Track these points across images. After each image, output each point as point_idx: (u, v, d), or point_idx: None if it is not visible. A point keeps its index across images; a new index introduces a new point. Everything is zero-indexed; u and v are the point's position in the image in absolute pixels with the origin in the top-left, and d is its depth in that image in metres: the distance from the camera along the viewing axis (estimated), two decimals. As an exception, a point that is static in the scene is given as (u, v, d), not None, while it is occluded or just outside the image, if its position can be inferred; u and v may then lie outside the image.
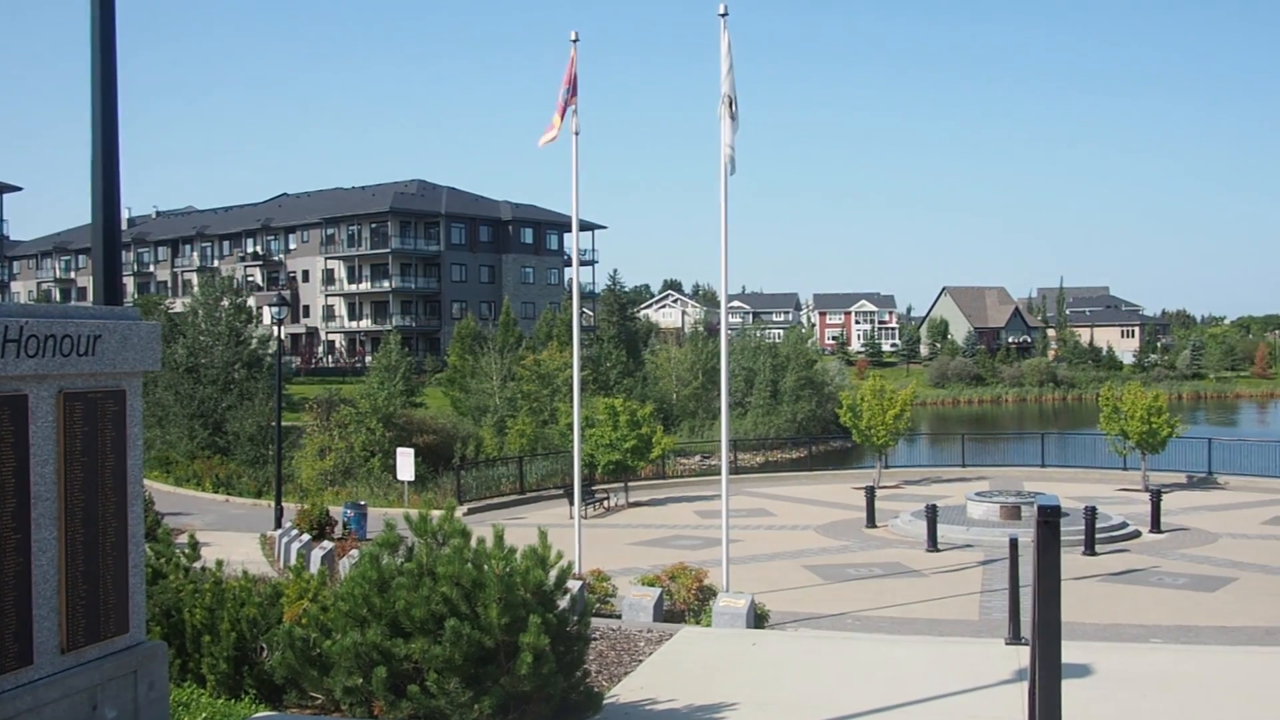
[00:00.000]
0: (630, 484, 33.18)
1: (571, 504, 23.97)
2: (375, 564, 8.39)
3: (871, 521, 26.89)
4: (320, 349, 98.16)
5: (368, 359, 78.80)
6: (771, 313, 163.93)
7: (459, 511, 27.21)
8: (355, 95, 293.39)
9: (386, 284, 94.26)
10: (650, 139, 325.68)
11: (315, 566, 18.07)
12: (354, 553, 17.74)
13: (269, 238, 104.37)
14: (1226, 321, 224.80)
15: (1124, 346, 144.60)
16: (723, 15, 16.05)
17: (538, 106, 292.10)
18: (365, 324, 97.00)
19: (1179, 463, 36.23)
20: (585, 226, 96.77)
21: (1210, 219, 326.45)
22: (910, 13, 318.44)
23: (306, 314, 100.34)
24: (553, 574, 8.61)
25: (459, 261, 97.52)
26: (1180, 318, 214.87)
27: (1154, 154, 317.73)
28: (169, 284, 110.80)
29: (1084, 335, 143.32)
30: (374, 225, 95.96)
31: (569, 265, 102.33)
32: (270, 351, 51.33)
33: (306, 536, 23.00)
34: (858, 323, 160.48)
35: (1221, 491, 33.07)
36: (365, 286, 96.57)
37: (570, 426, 23.61)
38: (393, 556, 8.57)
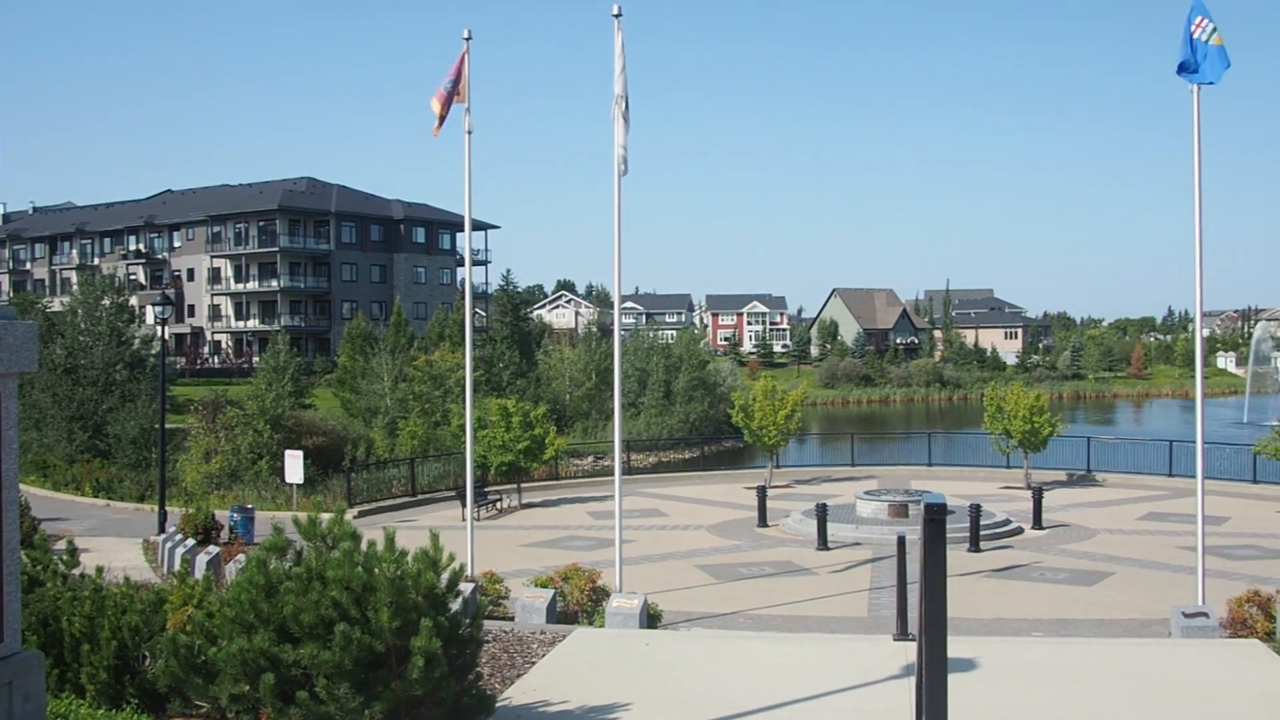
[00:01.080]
0: (523, 485, 33.05)
1: (464, 506, 23.84)
2: (263, 568, 8.25)
3: (763, 521, 27.15)
4: (206, 349, 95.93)
5: (255, 360, 77.24)
6: (665, 313, 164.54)
7: (349, 514, 26.80)
8: (243, 91, 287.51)
9: (275, 283, 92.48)
10: (544, 139, 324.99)
11: (200, 572, 17.67)
12: (241, 557, 17.41)
13: (152, 235, 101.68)
14: (1105, 324, 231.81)
15: (1007, 347, 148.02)
16: (616, 16, 16.07)
17: (428, 105, 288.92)
18: (253, 324, 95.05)
19: (1060, 461, 37.25)
20: (478, 226, 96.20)
21: (1090, 225, 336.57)
22: (801, 18, 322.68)
23: (191, 313, 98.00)
24: (445, 577, 8.55)
25: (349, 261, 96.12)
26: (1061, 320, 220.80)
27: (1036, 161, 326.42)
28: (46, 282, 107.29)
29: (969, 336, 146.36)
30: (262, 223, 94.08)
31: (462, 265, 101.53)
32: (153, 352, 50.03)
33: (191, 541, 22.46)
34: (750, 324, 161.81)
35: (1100, 488, 34.08)
36: (253, 286, 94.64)
37: (463, 428, 23.46)
38: (281, 561, 8.43)
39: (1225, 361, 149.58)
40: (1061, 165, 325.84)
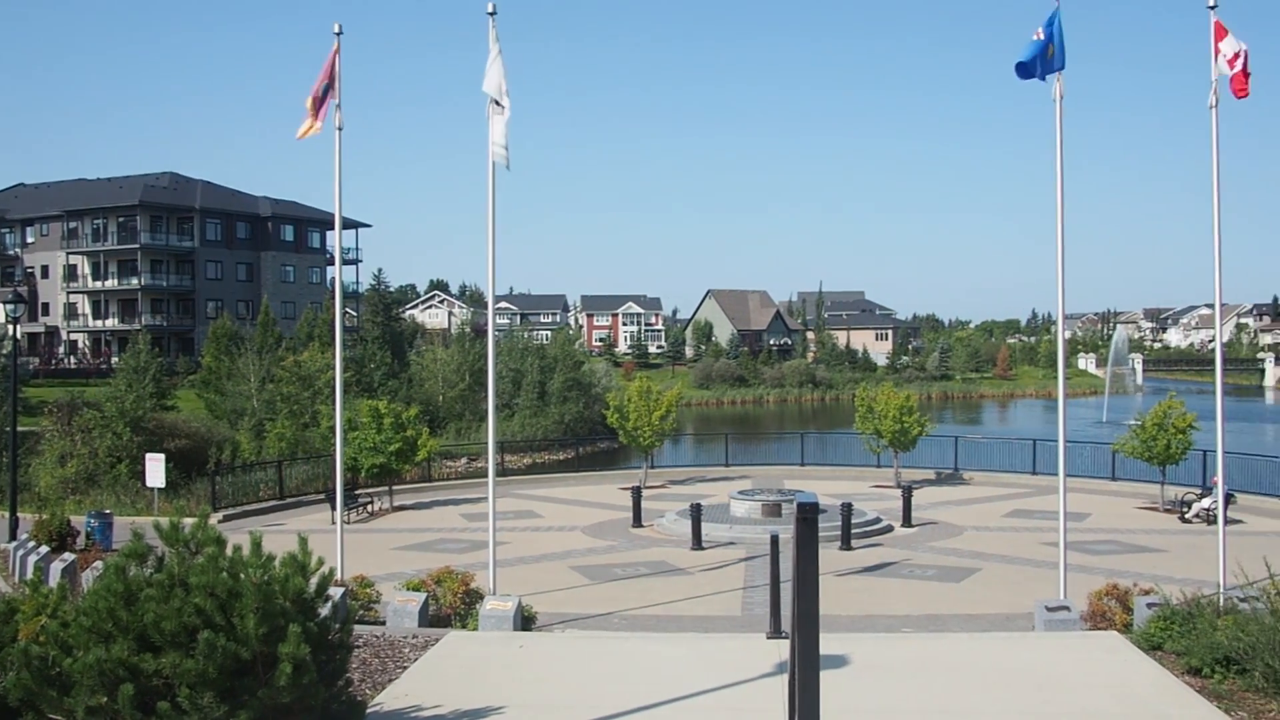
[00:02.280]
0: (395, 488, 32.55)
1: (334, 509, 23.38)
2: (121, 575, 7.93)
3: (638, 521, 27.17)
4: (61, 349, 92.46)
5: (115, 360, 74.67)
6: (539, 314, 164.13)
7: (214, 519, 26.05)
8: (102, 81, 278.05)
9: (135, 281, 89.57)
10: (417, 137, 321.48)
11: (55, 580, 16.95)
12: (98, 565, 16.75)
13: (3, 230, 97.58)
14: (972, 326, 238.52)
15: (878, 349, 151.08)
16: (491, 14, 15.92)
17: (298, 100, 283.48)
18: (112, 323, 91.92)
19: (929, 460, 38.10)
20: (349, 224, 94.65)
21: (958, 229, 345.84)
22: (681, 18, 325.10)
23: (46, 312, 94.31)
24: (313, 581, 8.33)
25: (215, 259, 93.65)
26: (930, 322, 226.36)
27: (906, 166, 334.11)
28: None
29: (841, 338, 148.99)
30: (122, 219, 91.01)
31: (332, 264, 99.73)
32: (4, 352, 48.06)
33: (45, 548, 21.57)
34: (625, 324, 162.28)
35: (967, 487, 34.92)
36: (112, 284, 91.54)
37: (332, 429, 22.98)
38: (141, 568, 8.11)
39: (1086, 363, 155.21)
40: (930, 171, 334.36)
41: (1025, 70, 15.23)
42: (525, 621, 15.11)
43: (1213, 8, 15.07)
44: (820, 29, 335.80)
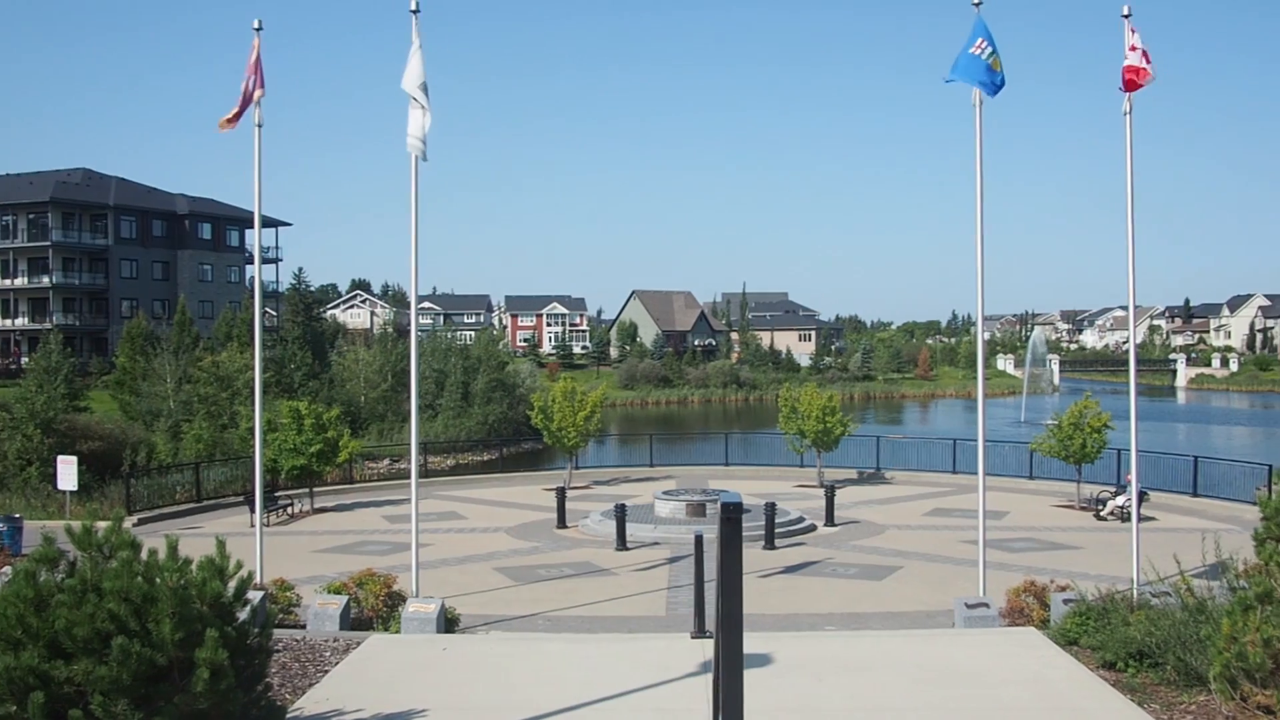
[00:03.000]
0: (316, 489, 32.14)
1: (253, 511, 23.01)
2: (31, 581, 7.71)
3: (562, 522, 27.11)
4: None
5: (24, 360, 72.87)
6: (463, 314, 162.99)
7: (128, 522, 25.47)
8: (11, 76, 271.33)
9: (46, 279, 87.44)
10: (339, 135, 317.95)
11: (-38, 586, 16.49)
12: (7, 570, 16.33)
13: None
14: (894, 327, 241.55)
15: (801, 349, 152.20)
16: (414, 11, 15.80)
17: (214, 96, 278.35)
18: (21, 322, 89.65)
19: (851, 459, 38.49)
20: (268, 223, 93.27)
21: (880, 231, 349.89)
22: (606, 19, 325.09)
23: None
24: (232, 585, 8.18)
25: (129, 257, 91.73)
26: (852, 323, 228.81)
27: (829, 168, 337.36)
28: None
29: (765, 339, 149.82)
30: (32, 216, 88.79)
31: (251, 263, 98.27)
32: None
33: (-48, 554, 21.00)
34: (549, 325, 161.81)
35: (889, 486, 35.33)
36: (21, 282, 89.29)
37: (252, 430, 22.64)
38: (52, 572, 7.90)
39: (1005, 364, 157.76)
40: (853, 173, 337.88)
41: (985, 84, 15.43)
42: (448, 624, 15.00)
43: (1127, 16, 15.38)
44: (746, 32, 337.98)
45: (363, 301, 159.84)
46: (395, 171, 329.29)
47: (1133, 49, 15.23)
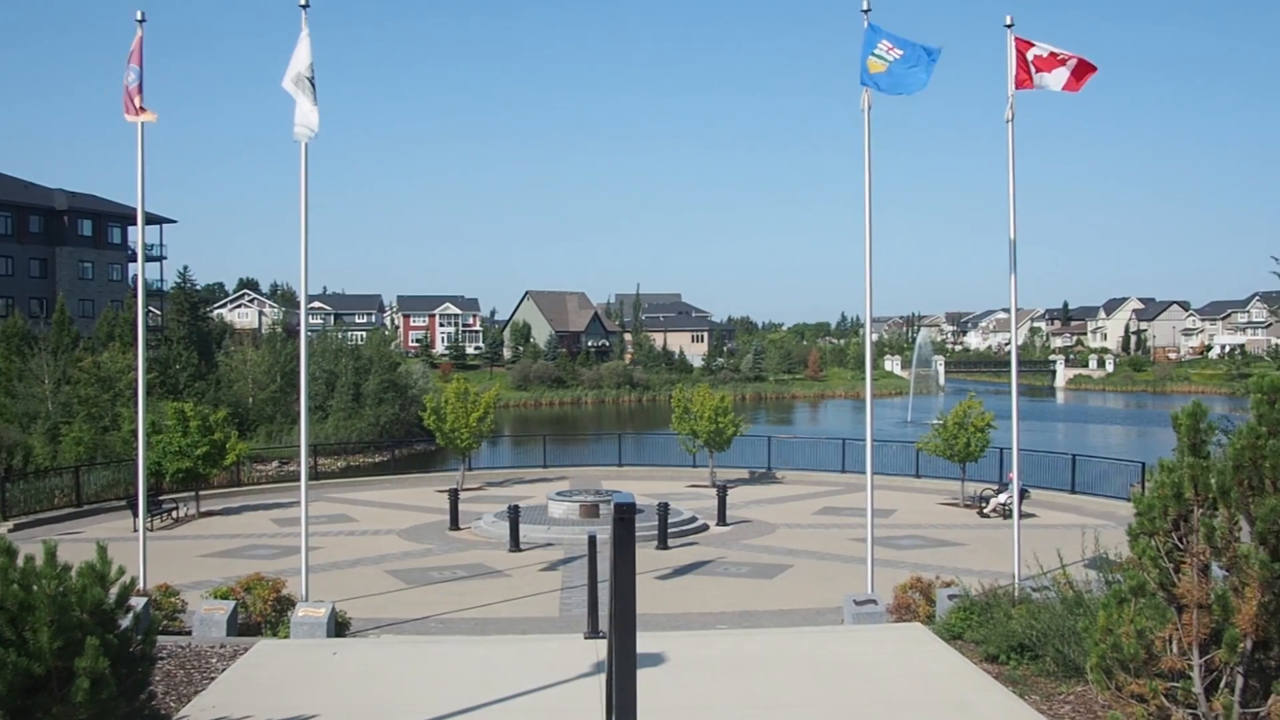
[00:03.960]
0: (202, 493, 31.44)
1: (136, 516, 22.46)
2: (-101, 590, 7.43)
3: (455, 524, 26.95)
4: None
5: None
6: (354, 314, 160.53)
7: (3, 528, 24.81)
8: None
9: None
10: (224, 131, 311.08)
11: None
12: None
13: None
14: (785, 328, 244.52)
15: (694, 350, 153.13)
16: (304, 6, 15.57)
17: (95, 89, 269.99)
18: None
19: (743, 459, 38.85)
20: (152, 220, 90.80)
21: (771, 234, 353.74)
22: (495, 18, 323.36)
23: None
24: (113, 592, 7.97)
25: (4, 254, 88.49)
26: (744, 324, 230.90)
27: (720, 169, 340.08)
28: None
29: (658, 339, 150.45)
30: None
31: (134, 260, 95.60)
32: None
33: None
34: (442, 325, 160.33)
35: (780, 485, 35.74)
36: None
37: (134, 433, 22.08)
38: (-79, 580, 7.62)
39: (892, 365, 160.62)
40: (745, 175, 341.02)
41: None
42: (339, 627, 14.80)
43: (1009, 27, 15.78)
44: (640, 32, 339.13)
45: (251, 301, 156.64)
46: (283, 169, 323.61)
47: (1022, 56, 15.60)
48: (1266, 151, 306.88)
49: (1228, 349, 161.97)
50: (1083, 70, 15.57)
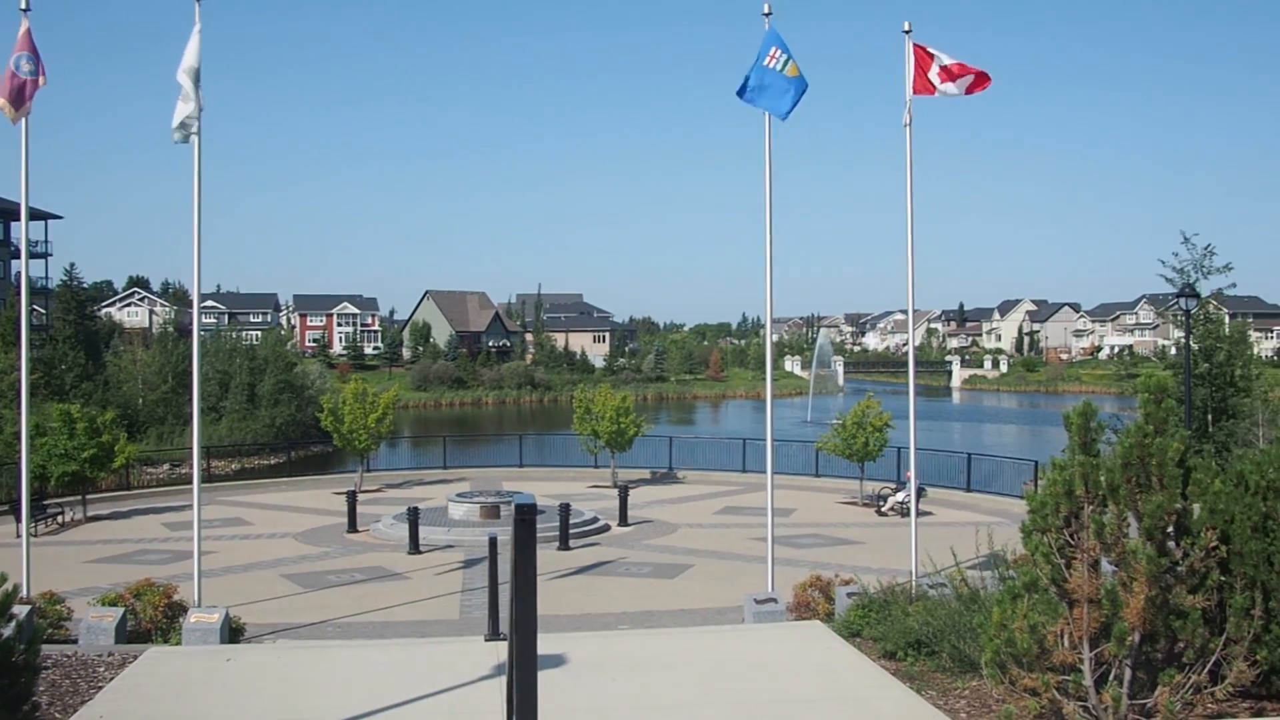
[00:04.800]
0: (90, 497, 30.54)
1: (19, 521, 21.77)
2: None
3: (353, 526, 26.60)
4: None
5: None
6: (249, 314, 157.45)
7: (-122, 534, 23.76)
8: None
9: None
10: (113, 125, 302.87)
11: None
12: None
13: None
14: (686, 329, 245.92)
15: (596, 351, 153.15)
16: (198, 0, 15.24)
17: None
18: None
19: (644, 460, 38.92)
20: (36, 215, 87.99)
21: (672, 234, 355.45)
22: (394, 13, 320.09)
23: None
24: (-6, 599, 7.69)
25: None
26: (646, 324, 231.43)
27: (621, 170, 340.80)
28: None
29: (560, 340, 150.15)
30: None
31: (16, 257, 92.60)
32: None
33: None
34: (340, 325, 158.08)
35: (681, 485, 35.88)
36: None
37: (17, 435, 21.38)
38: None
39: (792, 365, 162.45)
40: (646, 176, 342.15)
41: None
42: (233, 633, 14.48)
43: (908, 32, 16.02)
44: (542, 25, 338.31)
45: (141, 299, 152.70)
46: (175, 165, 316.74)
47: (920, 62, 15.85)
48: (1155, 158, 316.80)
49: (1117, 350, 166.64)
50: (980, 82, 15.88)
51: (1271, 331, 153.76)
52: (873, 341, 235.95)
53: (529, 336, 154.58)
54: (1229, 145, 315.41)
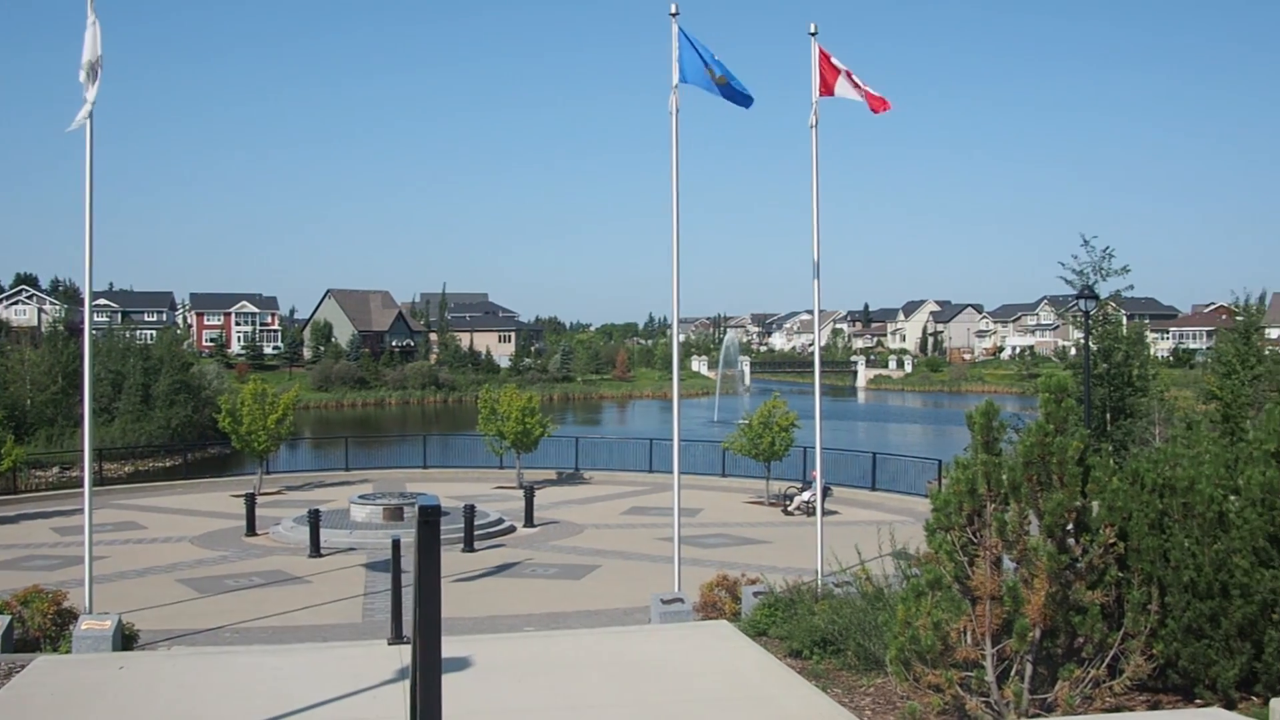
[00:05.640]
0: (-25, 501, 29.60)
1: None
2: None
3: (252, 530, 26.11)
4: None
5: None
6: (144, 312, 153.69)
7: None
8: None
9: None
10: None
11: None
12: None
13: None
14: (593, 329, 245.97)
15: (501, 351, 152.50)
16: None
17: None
18: None
19: (551, 460, 38.79)
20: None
21: (578, 234, 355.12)
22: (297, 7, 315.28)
23: None
24: None
25: None
26: (552, 324, 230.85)
27: (526, 168, 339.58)
28: None
29: (464, 340, 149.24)
30: None
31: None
32: None
33: None
34: (238, 324, 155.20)
35: (587, 486, 35.81)
36: None
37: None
38: None
39: (699, 365, 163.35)
40: (551, 174, 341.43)
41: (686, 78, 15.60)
42: (126, 641, 14.07)
43: (814, 34, 16.12)
44: (443, 27, 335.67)
45: (29, 297, 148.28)
46: (65, 157, 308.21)
47: (825, 64, 15.95)
48: (1056, 162, 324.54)
49: (1019, 350, 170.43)
50: (877, 102, 16.03)
51: (1167, 332, 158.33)
52: (779, 342, 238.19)
53: (433, 336, 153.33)
54: (1125, 149, 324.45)
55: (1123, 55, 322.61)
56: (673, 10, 15.84)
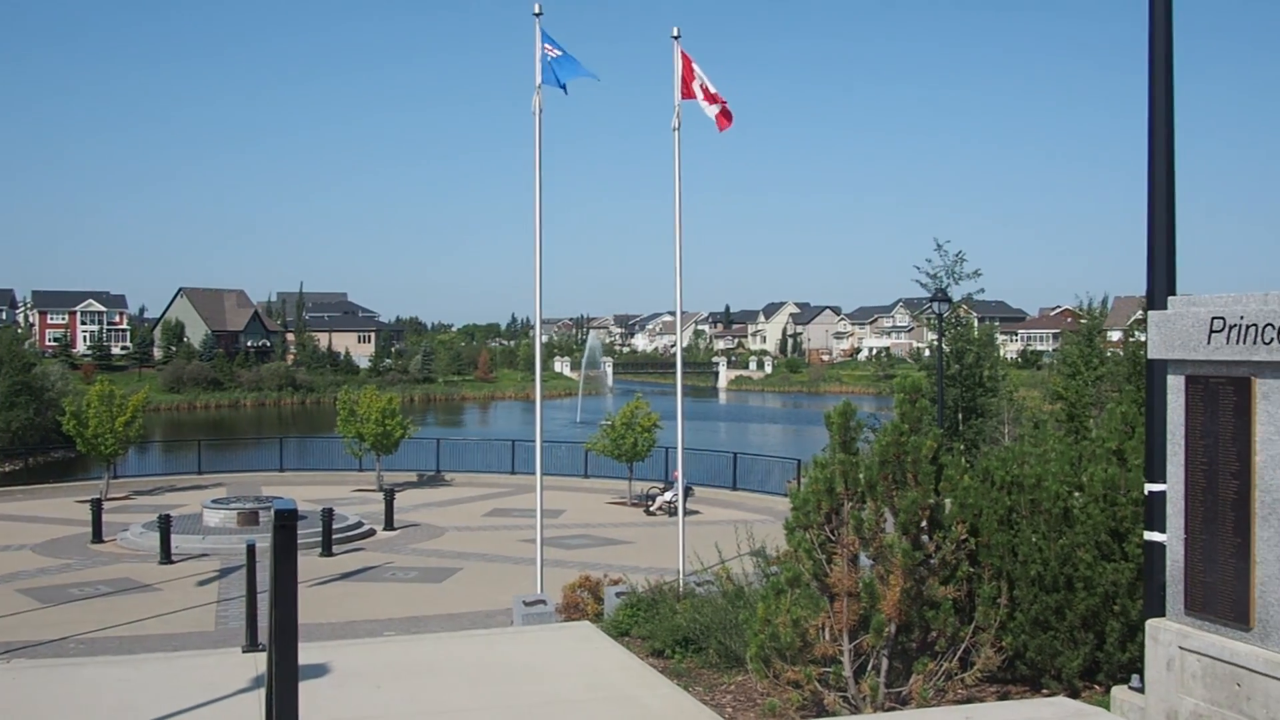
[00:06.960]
0: None
1: None
2: None
3: (98, 536, 25.27)
4: None
5: None
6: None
7: None
8: None
9: None
10: None
11: None
12: None
13: None
14: (455, 329, 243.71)
15: (361, 351, 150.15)
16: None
17: None
18: None
19: (411, 462, 38.35)
20: None
21: (440, 233, 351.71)
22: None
23: None
24: None
25: None
26: (413, 325, 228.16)
27: (385, 166, 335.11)
28: None
29: (323, 340, 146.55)
30: None
31: None
32: None
33: None
34: (84, 323, 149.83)
35: (449, 488, 35.50)
36: None
37: None
38: None
39: (562, 366, 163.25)
40: (411, 173, 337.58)
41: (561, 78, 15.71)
42: (-39, 654, 13.45)
43: (677, 38, 16.24)
44: (310, 22, 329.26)
45: None
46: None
47: (688, 68, 16.11)
48: (910, 168, 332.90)
49: (875, 351, 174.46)
50: (724, 118, 16.29)
51: (1016, 334, 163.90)
52: (642, 343, 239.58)
53: (290, 336, 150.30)
54: (974, 157, 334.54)
55: (969, 68, 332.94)
56: (536, 10, 15.83)
